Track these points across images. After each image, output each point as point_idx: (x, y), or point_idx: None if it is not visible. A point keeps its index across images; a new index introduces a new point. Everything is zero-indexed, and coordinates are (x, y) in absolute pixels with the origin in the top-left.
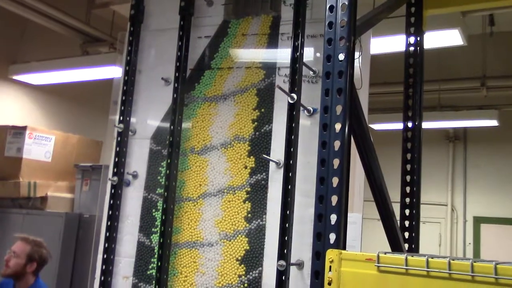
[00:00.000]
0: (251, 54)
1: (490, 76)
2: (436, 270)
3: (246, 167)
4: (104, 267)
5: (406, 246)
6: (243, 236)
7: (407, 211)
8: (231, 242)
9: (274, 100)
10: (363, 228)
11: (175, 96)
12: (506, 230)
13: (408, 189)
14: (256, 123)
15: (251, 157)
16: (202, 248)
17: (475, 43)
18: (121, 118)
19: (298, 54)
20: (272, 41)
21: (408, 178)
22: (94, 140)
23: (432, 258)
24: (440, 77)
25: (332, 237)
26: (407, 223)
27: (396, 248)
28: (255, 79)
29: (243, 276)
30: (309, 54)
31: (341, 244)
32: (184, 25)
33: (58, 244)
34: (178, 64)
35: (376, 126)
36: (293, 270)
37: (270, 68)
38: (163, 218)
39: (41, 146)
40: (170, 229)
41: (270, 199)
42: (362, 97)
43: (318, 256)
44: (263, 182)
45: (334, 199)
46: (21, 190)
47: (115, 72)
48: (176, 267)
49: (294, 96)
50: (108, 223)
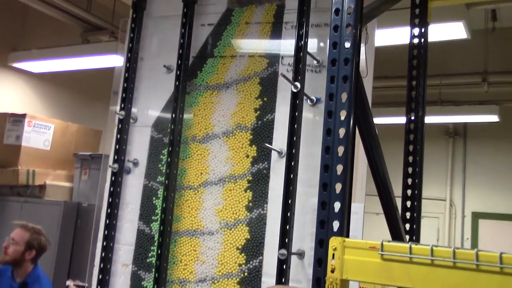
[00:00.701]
0: (255, 43)
1: (491, 72)
2: (441, 259)
3: (247, 156)
4: (103, 254)
5: (407, 238)
6: (244, 225)
7: (409, 203)
8: (231, 231)
9: (277, 89)
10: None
11: (177, 84)
12: (504, 225)
13: (410, 181)
14: (258, 112)
15: (253, 146)
16: (202, 236)
17: (477, 39)
18: (122, 105)
19: (302, 43)
20: (276, 30)
21: (410, 170)
22: (93, 129)
23: (437, 247)
24: (442, 72)
25: (336, 224)
26: (408, 215)
27: (397, 238)
28: (258, 68)
29: (243, 265)
30: (313, 43)
31: (344, 232)
32: (187, 12)
33: (56, 233)
34: (180, 51)
35: (377, 120)
36: (293, 259)
37: (273, 57)
38: (164, 206)
39: (40, 134)
40: (170, 217)
41: (272, 188)
42: (366, 86)
43: (321, 243)
44: (264, 171)
45: (338, 187)
46: (19, 178)
47: (115, 61)
48: (176, 255)
49: (298, 84)
50: (108, 211)
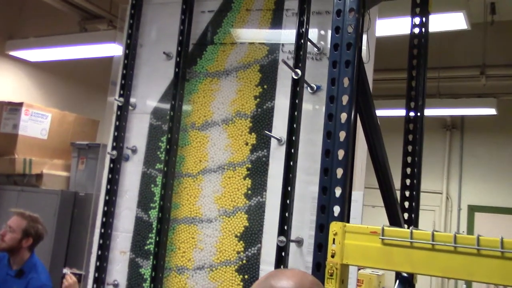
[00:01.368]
0: (255, 30)
1: (489, 65)
2: (442, 244)
3: (247, 144)
4: (101, 241)
5: (405, 227)
6: (243, 212)
7: (407, 193)
8: (230, 219)
9: (277, 76)
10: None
11: (176, 70)
12: (500, 219)
13: (409, 170)
14: (258, 99)
15: (253, 133)
16: (201, 224)
17: (476, 32)
18: (121, 92)
19: (303, 29)
20: (277, 17)
21: (409, 160)
22: (90, 118)
23: (437, 232)
24: (440, 65)
25: (336, 209)
26: (406, 204)
27: (395, 225)
28: (258, 55)
29: (242, 253)
30: (313, 31)
31: (345, 217)
32: None
33: (53, 222)
34: (180, 38)
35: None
36: (292, 247)
37: (274, 44)
38: (162, 193)
39: (37, 123)
40: (169, 204)
41: (271, 176)
42: (367, 72)
43: (322, 228)
44: (264, 159)
45: (339, 172)
46: (16, 167)
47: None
48: (174, 243)
49: (299, 71)
50: (107, 198)
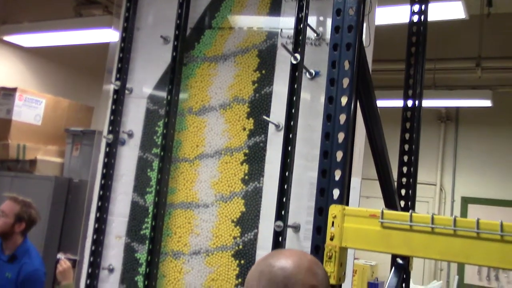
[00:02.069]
0: (254, 15)
1: (485, 57)
2: (441, 227)
3: (244, 129)
4: (97, 226)
5: None
6: (240, 198)
7: (404, 180)
8: (227, 204)
9: (276, 62)
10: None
11: (174, 55)
12: (493, 210)
13: (406, 158)
14: (256, 84)
15: (250, 119)
16: (197, 209)
17: (472, 24)
18: (117, 76)
19: (302, 14)
20: (275, 2)
21: (406, 147)
22: (85, 105)
23: (437, 215)
24: (436, 56)
25: (336, 192)
26: (403, 192)
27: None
28: (256, 40)
29: (238, 238)
30: (312, 17)
31: (344, 200)
32: None
33: (47, 208)
34: (178, 22)
35: None
36: (289, 232)
37: (272, 29)
38: (159, 177)
39: (31, 108)
40: (165, 188)
41: (268, 161)
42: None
43: (321, 211)
44: (261, 144)
45: (339, 155)
46: (9, 152)
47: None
48: (171, 228)
49: (298, 56)
50: (102, 182)
